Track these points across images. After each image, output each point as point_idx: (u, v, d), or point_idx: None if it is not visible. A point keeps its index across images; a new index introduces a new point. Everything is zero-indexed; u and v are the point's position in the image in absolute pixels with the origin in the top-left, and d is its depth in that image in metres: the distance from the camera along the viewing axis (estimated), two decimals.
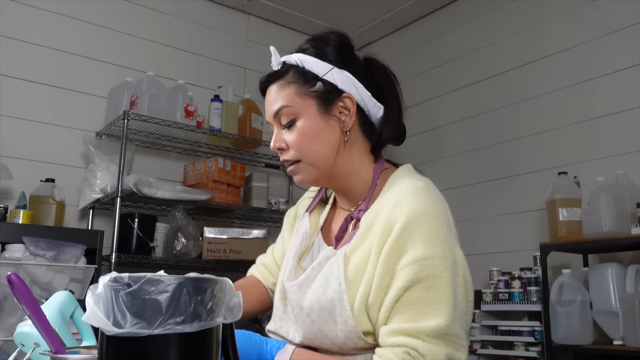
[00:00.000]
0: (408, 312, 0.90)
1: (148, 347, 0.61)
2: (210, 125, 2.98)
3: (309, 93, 1.03)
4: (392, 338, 0.90)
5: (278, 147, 1.06)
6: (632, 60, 2.55)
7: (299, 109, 1.03)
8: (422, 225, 0.93)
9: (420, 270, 0.90)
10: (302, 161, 1.04)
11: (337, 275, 0.96)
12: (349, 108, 1.04)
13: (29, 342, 0.94)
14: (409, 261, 0.91)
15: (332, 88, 1.03)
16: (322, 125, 1.03)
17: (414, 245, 0.92)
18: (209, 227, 2.83)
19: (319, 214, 1.17)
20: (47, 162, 2.77)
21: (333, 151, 1.04)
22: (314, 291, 0.99)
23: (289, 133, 1.04)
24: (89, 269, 2.28)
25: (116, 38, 3.09)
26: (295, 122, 1.03)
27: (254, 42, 3.66)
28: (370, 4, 3.55)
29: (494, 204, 3.00)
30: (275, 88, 1.06)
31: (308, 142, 1.02)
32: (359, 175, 1.08)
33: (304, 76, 1.04)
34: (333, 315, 0.95)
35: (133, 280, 0.62)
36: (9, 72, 2.74)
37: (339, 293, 0.95)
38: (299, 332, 1.01)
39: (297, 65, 1.05)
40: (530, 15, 3.03)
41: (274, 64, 1.07)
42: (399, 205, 0.95)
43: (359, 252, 0.98)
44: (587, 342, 2.23)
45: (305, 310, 0.99)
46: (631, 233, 2.18)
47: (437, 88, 3.49)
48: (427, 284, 0.90)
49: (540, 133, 2.88)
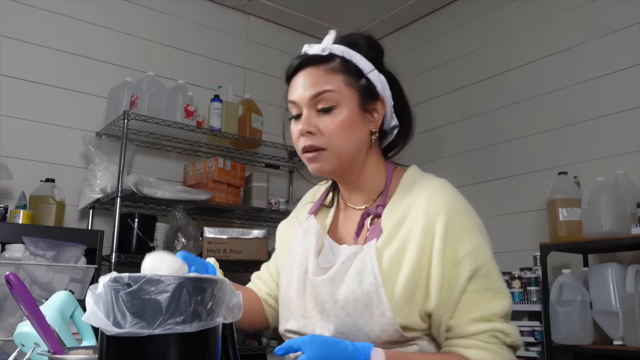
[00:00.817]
0: (477, 301, 0.95)
1: (148, 347, 0.61)
2: (210, 125, 2.98)
3: (355, 85, 1.05)
4: (472, 327, 0.94)
5: (309, 131, 1.04)
6: (632, 60, 2.55)
7: (342, 98, 1.04)
8: (463, 217, 1.00)
9: (476, 259, 0.97)
10: (328, 149, 1.04)
11: (372, 268, 0.97)
12: (379, 111, 1.09)
13: (29, 342, 0.94)
14: (465, 253, 0.97)
15: (373, 88, 1.08)
16: (358, 119, 1.05)
17: (463, 237, 0.98)
18: (209, 227, 2.83)
19: (323, 217, 1.18)
20: (47, 162, 2.77)
21: (359, 146, 1.07)
22: (348, 284, 0.99)
23: (323, 119, 1.04)
24: (89, 269, 2.27)
25: (116, 38, 3.09)
26: (333, 109, 1.04)
27: (254, 42, 3.65)
28: (370, 4, 3.55)
29: (494, 204, 3.00)
30: (318, 71, 1.05)
31: (343, 132, 1.03)
32: (373, 173, 1.11)
33: (351, 69, 1.06)
34: (369, 307, 0.96)
35: (133, 280, 0.62)
36: (9, 72, 2.74)
37: (375, 286, 0.96)
38: (330, 326, 0.99)
39: (344, 57, 1.06)
40: (530, 15, 3.03)
41: (321, 49, 1.07)
42: (433, 201, 1.01)
43: (393, 246, 1.00)
44: (587, 342, 2.23)
45: (340, 303, 0.99)
46: (631, 233, 2.18)
47: (437, 88, 3.49)
48: (484, 271, 0.97)
49: (540, 133, 2.88)
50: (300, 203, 1.29)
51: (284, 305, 1.10)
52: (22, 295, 0.78)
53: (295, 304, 1.07)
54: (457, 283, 0.95)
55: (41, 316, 0.79)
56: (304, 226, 1.16)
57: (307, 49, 1.09)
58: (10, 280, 0.76)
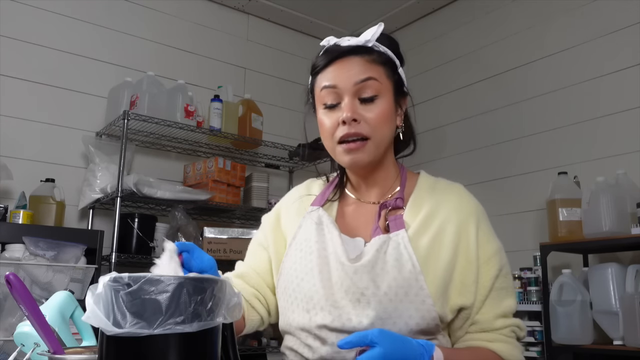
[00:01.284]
0: (498, 297, 1.03)
1: (148, 347, 0.61)
2: (210, 125, 2.98)
3: (392, 78, 1.08)
4: (497, 322, 1.02)
5: (354, 118, 1.02)
6: (632, 60, 2.55)
7: (384, 89, 1.06)
8: (486, 220, 1.10)
9: (500, 260, 1.05)
10: (370, 139, 1.04)
11: (409, 257, 0.99)
12: (404, 107, 1.13)
13: (29, 342, 0.94)
14: (492, 253, 1.05)
15: (402, 83, 1.12)
16: (393, 111, 1.08)
17: (490, 238, 1.07)
18: (209, 227, 2.82)
19: (329, 211, 1.15)
20: (47, 162, 2.77)
21: (391, 139, 1.10)
22: (389, 271, 0.99)
23: (367, 108, 1.04)
24: (89, 269, 2.27)
25: (116, 38, 3.09)
26: (376, 99, 1.05)
27: (254, 42, 3.65)
28: (370, 4, 3.55)
29: (494, 204, 2.99)
30: (362, 60, 1.06)
31: (384, 122, 1.05)
32: (390, 170, 1.14)
33: (389, 62, 1.08)
34: (409, 294, 0.97)
35: (133, 280, 0.62)
36: (9, 72, 2.74)
37: (414, 273, 0.98)
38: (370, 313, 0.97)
39: (380, 50, 1.08)
40: (530, 15, 3.03)
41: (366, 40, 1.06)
42: (464, 202, 1.09)
43: (427, 237, 1.03)
44: (587, 342, 2.23)
45: (382, 289, 0.98)
46: (631, 233, 2.18)
47: (437, 88, 3.49)
48: (505, 270, 1.06)
49: (540, 133, 2.88)
50: (292, 196, 1.23)
51: (299, 297, 1.04)
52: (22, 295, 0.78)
53: (320, 295, 1.01)
54: (488, 280, 1.02)
55: (41, 316, 0.79)
56: (314, 217, 1.12)
57: (341, 41, 1.07)
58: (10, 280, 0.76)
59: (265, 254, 1.18)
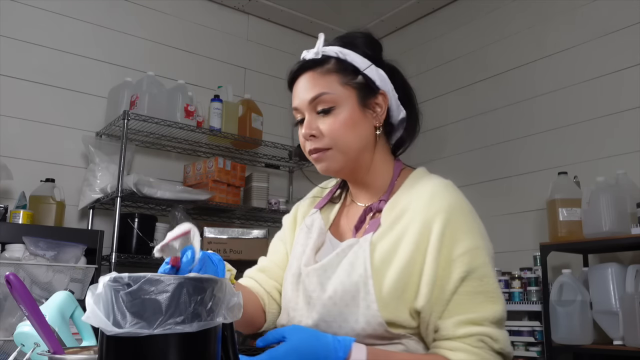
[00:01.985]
0: (468, 303, 0.93)
1: (148, 347, 0.61)
2: (210, 125, 2.98)
3: (351, 84, 1.06)
4: (460, 330, 0.92)
5: (311, 135, 1.05)
6: (632, 60, 2.55)
7: (339, 98, 1.05)
8: (462, 217, 0.99)
9: (471, 261, 0.95)
10: (332, 149, 1.05)
11: (363, 260, 0.98)
12: (382, 105, 1.09)
13: (29, 342, 0.94)
14: (460, 253, 0.95)
15: (371, 83, 1.07)
16: (359, 116, 1.06)
17: (460, 237, 0.97)
18: (209, 227, 2.83)
19: (328, 212, 1.19)
20: (47, 162, 2.77)
21: (364, 143, 1.07)
22: (339, 275, 1.00)
23: (324, 120, 1.05)
24: (89, 269, 2.27)
25: (116, 38, 3.09)
26: (332, 110, 1.05)
27: (254, 42, 3.66)
28: (370, 4, 3.55)
29: (494, 204, 3.00)
30: (314, 75, 1.07)
31: (345, 130, 1.04)
32: (379, 171, 1.11)
33: (346, 68, 1.06)
34: (356, 299, 0.97)
35: (133, 280, 0.62)
36: (9, 72, 2.74)
37: (364, 277, 0.97)
38: (314, 315, 1.01)
39: (338, 57, 1.07)
40: (530, 15, 3.03)
41: (314, 53, 1.08)
42: (435, 199, 1.01)
43: (387, 240, 1.01)
44: (587, 342, 2.23)
45: (327, 293, 1.00)
46: (631, 233, 2.18)
47: (437, 88, 3.49)
48: (478, 273, 0.95)
49: (540, 133, 2.88)
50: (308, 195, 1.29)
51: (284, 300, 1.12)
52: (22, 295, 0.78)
53: (288, 297, 1.09)
54: (449, 282, 0.94)
55: (41, 316, 0.79)
56: (308, 221, 1.17)
57: (305, 54, 1.10)
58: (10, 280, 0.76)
59: (285, 249, 1.24)
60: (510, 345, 0.95)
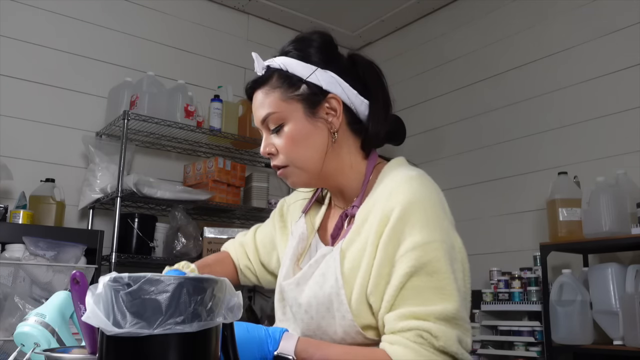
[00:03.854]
0: (414, 298, 0.90)
1: (148, 347, 0.61)
2: (210, 125, 2.98)
3: (294, 97, 1.02)
4: (400, 323, 0.89)
5: (268, 152, 1.05)
6: (632, 60, 2.55)
7: (285, 114, 1.02)
8: (418, 211, 0.93)
9: (421, 256, 0.90)
10: (289, 166, 1.04)
11: (334, 270, 0.97)
12: (335, 108, 1.03)
13: (29, 342, 0.94)
14: (409, 247, 0.91)
15: (317, 90, 1.02)
16: (309, 128, 1.02)
17: (412, 231, 0.92)
18: (209, 227, 2.83)
19: (314, 215, 1.16)
20: (47, 162, 2.77)
21: (322, 153, 1.03)
22: (311, 287, 1.00)
23: (277, 138, 1.04)
24: (89, 269, 2.27)
25: (116, 38, 3.09)
26: (282, 127, 1.03)
27: (254, 42, 3.65)
28: (370, 4, 3.55)
29: (494, 204, 3.00)
30: (261, 94, 1.04)
31: (296, 146, 1.02)
32: (350, 174, 1.07)
33: (289, 80, 1.02)
34: (331, 310, 0.96)
35: (133, 280, 0.62)
36: (9, 72, 2.74)
37: (336, 288, 0.96)
38: (298, 330, 1.02)
39: (280, 69, 1.03)
40: (530, 15, 3.03)
41: (258, 69, 1.06)
42: (393, 195, 0.96)
43: (355, 246, 0.98)
44: (587, 342, 2.23)
45: (303, 307, 1.00)
46: (631, 233, 2.18)
47: (437, 88, 3.49)
48: (429, 269, 0.90)
49: (540, 133, 2.88)
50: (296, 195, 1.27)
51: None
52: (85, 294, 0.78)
53: (276, 306, 1.12)
54: (396, 277, 0.91)
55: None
56: (294, 228, 1.16)
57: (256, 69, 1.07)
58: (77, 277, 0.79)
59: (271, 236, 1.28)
60: (459, 345, 0.88)
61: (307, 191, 1.24)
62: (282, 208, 1.28)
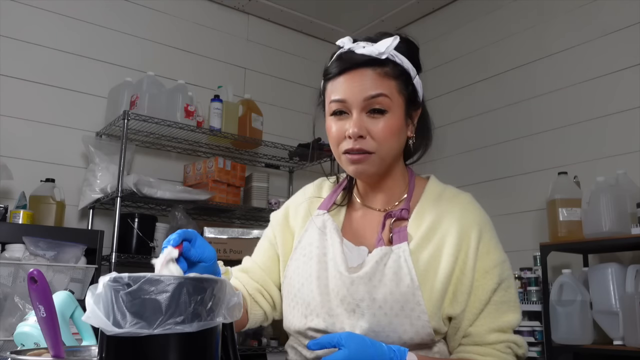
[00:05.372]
0: (496, 312, 1.01)
1: (148, 347, 0.61)
2: (210, 125, 2.98)
3: (404, 92, 1.05)
4: (490, 336, 1.00)
5: (359, 135, 1.01)
6: (632, 60, 2.55)
7: (393, 104, 1.03)
8: (490, 231, 1.07)
9: (501, 273, 1.03)
10: (375, 153, 1.02)
11: (408, 271, 0.99)
12: (416, 117, 1.10)
13: (29, 342, 0.94)
14: (492, 265, 1.02)
15: (417, 94, 1.08)
16: (403, 125, 1.06)
17: (492, 250, 1.04)
18: (209, 227, 2.82)
19: (334, 215, 1.14)
20: (47, 162, 2.77)
21: (400, 152, 1.09)
22: (386, 284, 0.99)
23: (374, 122, 1.02)
24: (89, 269, 2.27)
25: (116, 38, 3.09)
26: (385, 114, 1.02)
27: (254, 42, 3.65)
28: (370, 4, 3.55)
29: (494, 204, 2.99)
30: (374, 74, 1.02)
31: (391, 137, 1.03)
32: (397, 178, 1.12)
33: (405, 76, 1.05)
34: (405, 309, 0.97)
35: (133, 280, 0.62)
36: (9, 72, 2.74)
37: (412, 288, 0.98)
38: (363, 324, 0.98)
39: (395, 61, 1.04)
40: (530, 15, 3.03)
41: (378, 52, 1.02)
42: (467, 213, 1.07)
43: (427, 250, 1.02)
44: (587, 342, 2.23)
45: (378, 302, 0.98)
46: (631, 233, 2.18)
47: (437, 88, 3.49)
48: (506, 284, 1.03)
49: (540, 133, 2.88)
50: (302, 195, 1.23)
51: (299, 302, 1.06)
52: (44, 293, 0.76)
53: (317, 302, 1.03)
54: (484, 293, 1.00)
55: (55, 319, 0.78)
56: (318, 222, 1.12)
57: (355, 47, 1.03)
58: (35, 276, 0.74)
59: (272, 250, 1.20)
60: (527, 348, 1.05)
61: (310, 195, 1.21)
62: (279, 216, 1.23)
